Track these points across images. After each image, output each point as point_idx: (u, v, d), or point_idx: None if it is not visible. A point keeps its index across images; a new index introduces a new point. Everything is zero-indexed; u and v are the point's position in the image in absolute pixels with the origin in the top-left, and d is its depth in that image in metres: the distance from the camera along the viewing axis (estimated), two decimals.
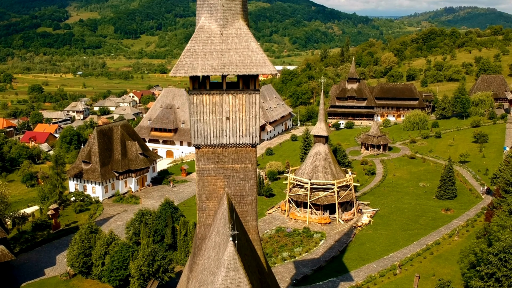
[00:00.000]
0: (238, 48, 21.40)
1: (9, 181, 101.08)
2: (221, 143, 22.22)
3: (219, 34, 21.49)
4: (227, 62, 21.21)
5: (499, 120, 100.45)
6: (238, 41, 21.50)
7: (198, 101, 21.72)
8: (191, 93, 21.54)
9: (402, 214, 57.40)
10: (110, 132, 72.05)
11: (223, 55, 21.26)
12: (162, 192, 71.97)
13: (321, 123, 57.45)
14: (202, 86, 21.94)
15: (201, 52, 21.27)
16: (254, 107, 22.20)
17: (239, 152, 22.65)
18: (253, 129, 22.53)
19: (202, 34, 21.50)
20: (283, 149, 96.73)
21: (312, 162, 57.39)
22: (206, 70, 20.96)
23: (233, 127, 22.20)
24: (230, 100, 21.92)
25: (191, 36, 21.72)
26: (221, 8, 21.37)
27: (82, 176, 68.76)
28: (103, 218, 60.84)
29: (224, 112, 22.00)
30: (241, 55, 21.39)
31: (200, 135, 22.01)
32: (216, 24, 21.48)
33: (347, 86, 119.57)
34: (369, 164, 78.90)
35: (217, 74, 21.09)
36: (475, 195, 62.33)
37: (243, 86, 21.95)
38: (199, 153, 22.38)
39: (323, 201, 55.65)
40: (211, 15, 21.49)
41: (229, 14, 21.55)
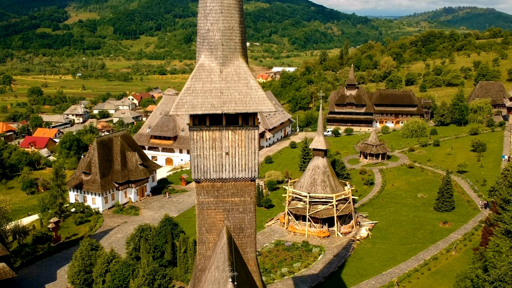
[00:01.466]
0: (238, 86, 21.73)
1: (9, 187, 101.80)
2: (221, 177, 22.55)
3: (219, 72, 21.82)
4: (227, 100, 21.54)
5: (497, 127, 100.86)
6: (238, 79, 21.83)
7: (198, 137, 22.03)
8: (191, 129, 21.86)
9: (400, 227, 57.81)
10: (110, 142, 72.42)
11: (222, 93, 21.59)
12: (162, 202, 72.37)
13: (319, 137, 57.83)
14: (202, 122, 22.25)
15: (201, 90, 21.58)
16: (253, 143, 22.53)
17: (239, 186, 23.01)
18: (252, 163, 22.85)
19: (202, 72, 21.82)
20: (282, 157, 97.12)
21: (311, 175, 57.79)
22: (206, 109, 21.28)
23: (233, 162, 22.53)
24: (229, 136, 22.25)
25: (192, 74, 21.97)
26: (221, 46, 21.68)
27: (82, 187, 69.12)
28: (103, 231, 61.21)
29: (223, 147, 22.33)
30: (240, 93, 21.72)
31: (200, 169, 22.34)
32: (216, 62, 21.79)
33: (346, 92, 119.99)
34: (367, 174, 79.33)
35: (216, 112, 21.44)
36: (473, 207, 62.75)
37: (242, 122, 22.30)
38: (199, 187, 22.73)
39: (321, 214, 56.06)
40: (211, 53, 21.79)
41: (228, 52, 21.87)
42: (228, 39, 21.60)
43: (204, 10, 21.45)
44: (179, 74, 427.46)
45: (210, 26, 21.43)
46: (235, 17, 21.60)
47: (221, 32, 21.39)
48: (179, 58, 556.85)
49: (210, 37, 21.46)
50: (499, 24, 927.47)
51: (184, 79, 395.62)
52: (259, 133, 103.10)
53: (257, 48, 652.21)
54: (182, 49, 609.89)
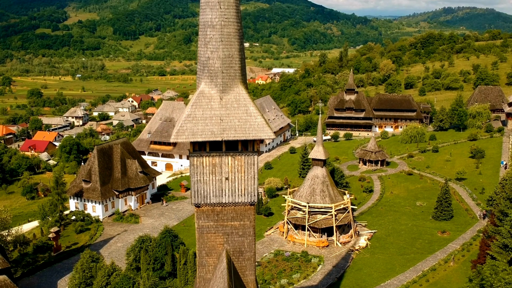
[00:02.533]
0: (237, 113, 22.02)
1: (9, 192, 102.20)
2: (221, 202, 22.85)
3: (219, 99, 22.11)
4: (227, 127, 21.83)
5: (496, 133, 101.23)
6: (237, 105, 22.11)
7: (198, 163, 22.32)
8: (192, 156, 22.12)
9: (399, 236, 58.15)
10: (110, 150, 72.71)
11: (222, 120, 21.88)
12: (162, 210, 72.67)
13: (319, 147, 58.15)
14: (202, 148, 22.52)
15: (201, 117, 21.87)
16: (252, 168, 22.81)
17: (238, 210, 23.32)
18: (252, 188, 23.11)
19: (202, 99, 22.10)
20: (282, 163, 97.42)
21: (310, 185, 58.13)
22: (206, 136, 21.57)
23: (232, 187, 22.84)
24: (229, 162, 22.56)
25: (193, 101, 22.21)
26: (221, 74, 21.97)
27: (82, 195, 69.41)
28: (103, 239, 61.51)
29: (223, 173, 22.63)
30: (240, 120, 22.01)
31: (200, 194, 22.63)
32: (216, 89, 22.08)
33: (345, 97, 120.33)
34: (366, 181, 79.65)
35: (216, 140, 21.73)
36: (471, 215, 63.08)
37: (242, 148, 22.60)
38: (199, 212, 23.01)
39: (321, 224, 56.38)
40: (211, 80, 22.06)
41: (228, 80, 22.16)
42: (228, 67, 21.91)
43: (205, 38, 21.74)
44: (179, 75, 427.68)
45: (210, 54, 21.73)
46: (235, 45, 21.88)
47: (221, 60, 21.70)
48: (179, 59, 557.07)
49: (210, 65, 21.76)
50: (498, 24, 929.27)
51: (184, 80, 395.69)
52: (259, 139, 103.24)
53: (256, 49, 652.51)
54: (182, 50, 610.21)
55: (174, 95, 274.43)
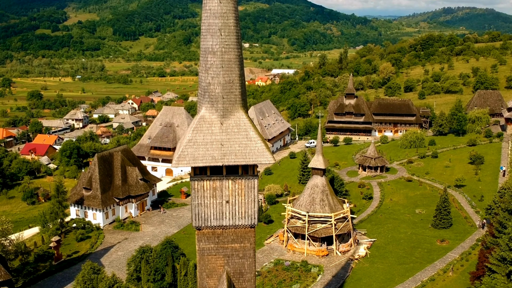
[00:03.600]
0: (238, 138, 22.30)
1: (9, 197, 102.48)
2: (221, 224, 23.17)
3: (219, 124, 22.40)
4: (227, 152, 22.11)
5: (495, 138, 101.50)
6: (238, 130, 22.39)
7: (199, 187, 22.64)
8: (193, 179, 22.43)
9: (398, 245, 58.43)
10: (111, 158, 72.96)
11: (223, 145, 22.17)
12: (162, 217, 72.92)
13: (318, 156, 58.42)
14: (203, 171, 22.79)
15: (202, 142, 22.15)
16: (252, 191, 23.11)
17: (238, 233, 23.62)
18: (252, 211, 23.43)
19: (203, 124, 22.38)
20: (282, 168, 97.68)
21: (310, 194, 58.41)
22: (207, 161, 21.87)
23: (233, 210, 23.15)
24: (229, 185, 22.85)
25: (194, 126, 22.44)
26: (221, 99, 22.26)
27: (83, 202, 69.68)
28: (104, 248, 61.78)
29: (224, 196, 22.94)
30: (240, 144, 22.28)
31: (201, 217, 22.93)
32: (217, 114, 22.36)
33: (345, 101, 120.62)
34: (366, 187, 79.93)
35: (217, 165, 22.01)
36: (470, 224, 63.36)
37: (242, 172, 22.88)
38: (200, 234, 23.33)
39: (320, 233, 56.67)
40: (212, 105, 22.34)
41: (229, 105, 22.44)
42: (229, 92, 22.21)
43: (205, 64, 22.04)
44: (179, 76, 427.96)
45: (211, 80, 22.03)
46: (235, 71, 22.17)
47: (221, 86, 22.00)
48: (179, 60, 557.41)
49: (211, 90, 22.06)
50: (498, 25, 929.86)
51: (184, 81, 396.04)
52: None
53: (256, 49, 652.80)
54: (182, 50, 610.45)
55: (174, 97, 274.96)
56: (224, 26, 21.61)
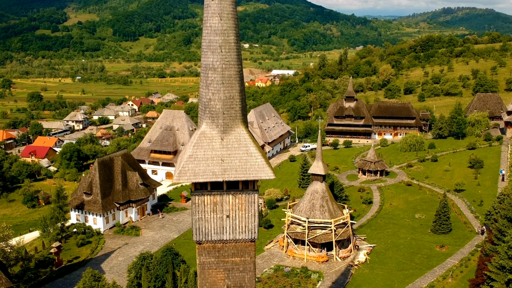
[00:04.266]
0: (238, 153, 22.45)
1: (10, 200, 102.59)
2: (222, 239, 23.32)
3: (220, 140, 22.55)
4: (227, 167, 22.26)
5: (495, 142, 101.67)
6: (238, 146, 22.55)
7: (199, 201, 22.80)
8: (193, 194, 22.58)
9: (398, 250, 58.60)
10: (111, 162, 73.13)
11: (223, 161, 22.33)
12: (162, 222, 73.07)
13: (318, 162, 58.60)
14: (204, 186, 22.94)
15: (202, 157, 22.30)
16: (253, 206, 23.27)
17: (239, 247, 23.77)
18: (252, 225, 23.58)
19: (204, 139, 22.53)
20: (282, 171, 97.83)
21: (309, 200, 58.58)
22: (207, 176, 22.03)
23: (233, 224, 23.30)
24: (230, 200, 23.02)
25: (194, 142, 22.54)
26: (222, 115, 22.42)
27: (83, 207, 69.84)
28: (105, 253, 61.93)
29: (224, 210, 23.10)
30: (241, 160, 22.44)
31: (201, 232, 23.08)
32: (217, 130, 22.52)
33: (344, 104, 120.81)
34: (366, 192, 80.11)
35: (217, 180, 22.17)
36: (470, 229, 63.55)
37: (242, 186, 23.05)
38: (200, 248, 23.48)
39: (320, 239, 56.84)
40: (212, 121, 22.51)
41: (229, 120, 22.59)
42: (229, 108, 22.37)
43: (206, 80, 22.22)
44: (179, 77, 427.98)
45: (212, 96, 22.19)
46: (235, 87, 22.33)
47: (222, 102, 22.17)
48: (179, 60, 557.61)
49: (211, 106, 22.22)
50: (498, 25, 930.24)
51: (184, 82, 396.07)
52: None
53: (256, 50, 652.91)
54: (182, 51, 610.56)
55: (174, 98, 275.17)
56: (224, 43, 21.79)
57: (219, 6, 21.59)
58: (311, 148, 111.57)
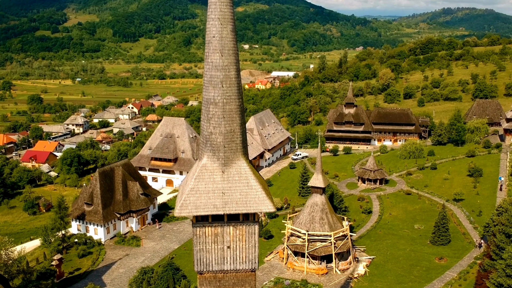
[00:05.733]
0: (239, 186, 22.80)
1: (10, 207, 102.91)
2: (223, 269, 23.65)
3: (221, 173, 22.89)
4: (228, 200, 22.61)
5: (494, 149, 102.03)
6: (239, 178, 22.90)
7: (201, 233, 23.14)
8: (195, 226, 22.90)
9: (397, 262, 58.96)
10: (112, 172, 73.49)
11: (224, 194, 22.68)
12: (163, 232, 73.45)
13: (318, 175, 58.96)
14: (205, 218, 23.28)
15: (204, 190, 22.64)
16: (253, 237, 23.61)
17: (240, 276, 24.12)
18: (253, 256, 23.91)
19: (205, 172, 22.86)
20: (282, 179, 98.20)
21: (309, 213, 58.95)
22: (208, 209, 22.36)
23: (234, 255, 23.65)
24: (231, 231, 23.36)
25: (196, 175, 22.79)
26: (223, 148, 22.75)
27: (84, 217, 70.18)
28: (106, 265, 62.25)
29: (225, 241, 23.44)
30: (241, 193, 22.79)
31: (202, 262, 23.42)
32: (218, 163, 22.85)
33: (344, 110, 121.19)
34: (365, 201, 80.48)
35: (218, 213, 22.53)
36: (468, 240, 63.93)
37: (243, 218, 23.41)
38: (201, 278, 23.84)
39: (320, 252, 57.20)
40: (214, 154, 22.82)
41: (230, 153, 22.92)
42: (230, 141, 22.71)
43: (207, 114, 22.55)
44: (179, 78, 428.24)
45: (213, 130, 22.52)
46: (236, 120, 22.67)
47: (223, 136, 22.50)
48: (179, 61, 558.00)
49: (212, 140, 22.55)
50: (498, 25, 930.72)
51: (184, 83, 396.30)
52: (259, 154, 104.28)
53: (256, 51, 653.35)
54: (182, 52, 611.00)
55: (174, 101, 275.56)
56: (225, 78, 22.13)
57: (220, 43, 21.93)
58: (302, 157, 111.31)
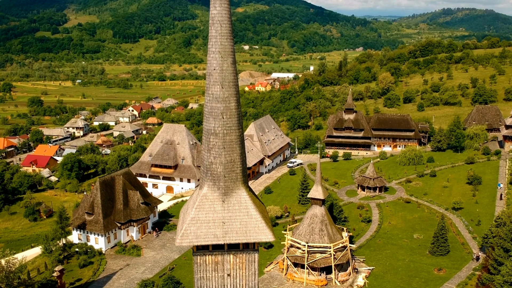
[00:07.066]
0: (239, 216, 23.14)
1: (11, 213, 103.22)
2: None
3: (221, 202, 23.24)
4: (228, 230, 22.94)
5: (493, 156, 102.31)
6: (239, 208, 23.24)
7: (201, 261, 23.49)
8: (195, 254, 23.27)
9: (396, 274, 59.27)
10: (112, 182, 73.82)
11: (224, 223, 23.02)
12: (163, 240, 73.75)
13: (318, 187, 59.27)
14: (205, 247, 23.58)
15: (204, 220, 22.97)
16: (253, 265, 23.97)
17: None
18: (253, 283, 24.28)
19: (206, 202, 23.20)
20: (282, 186, 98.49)
21: (309, 224, 59.27)
22: (209, 239, 22.70)
23: (234, 283, 24.00)
24: (231, 259, 23.71)
25: (196, 204, 23.07)
26: (223, 178, 23.09)
27: (85, 227, 70.49)
28: (106, 275, 62.55)
29: (225, 269, 23.80)
30: (241, 222, 23.13)
31: None
32: (219, 192, 23.19)
33: (344, 116, 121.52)
34: (365, 209, 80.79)
35: (219, 243, 22.86)
36: (467, 250, 64.25)
37: (243, 246, 23.75)
38: None
39: (320, 263, 57.51)
40: (214, 183, 23.16)
41: (230, 183, 23.26)
42: (230, 171, 23.04)
43: (208, 144, 22.88)
44: (179, 80, 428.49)
45: (213, 160, 22.86)
46: (236, 150, 23.02)
47: (223, 165, 22.83)
48: (179, 62, 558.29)
49: (213, 169, 22.89)
50: (498, 26, 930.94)
51: (184, 85, 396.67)
52: (259, 160, 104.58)
53: (256, 52, 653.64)
54: (182, 53, 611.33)
55: (174, 103, 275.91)
56: (226, 109, 22.47)
57: (221, 76, 22.28)
58: (297, 164, 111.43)
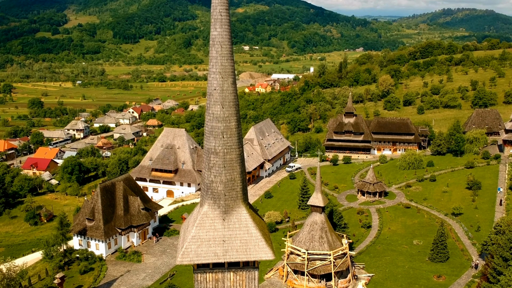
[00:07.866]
0: (239, 234, 23.35)
1: (12, 217, 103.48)
2: None
3: (222, 220, 23.45)
4: (229, 248, 23.15)
5: (493, 160, 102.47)
6: (239, 226, 23.46)
7: (201, 279, 23.71)
8: (196, 272, 23.49)
9: (396, 280, 59.45)
10: (113, 188, 74.02)
11: (225, 241, 23.23)
12: (164, 246, 73.95)
13: (317, 194, 59.47)
14: (206, 265, 23.79)
15: (205, 238, 23.18)
16: (253, 282, 24.19)
17: None
18: None
19: (206, 220, 23.41)
20: (282, 190, 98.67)
21: (309, 231, 59.47)
22: (209, 258, 22.92)
23: None
24: (231, 277, 23.92)
25: (197, 222, 23.28)
26: (224, 196, 23.31)
27: (86, 233, 70.71)
28: (107, 282, 62.74)
29: (225, 287, 24.01)
30: (242, 240, 23.34)
31: None
32: (219, 210, 23.41)
33: (344, 120, 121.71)
34: (365, 214, 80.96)
35: (219, 261, 23.06)
36: (467, 257, 64.44)
37: (243, 264, 23.96)
38: None
39: (319, 270, 57.72)
40: (214, 202, 23.39)
41: (230, 201, 23.49)
42: (231, 190, 23.26)
43: (208, 163, 23.10)
44: (179, 81, 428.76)
45: (214, 178, 23.08)
46: (236, 169, 23.23)
47: (223, 184, 23.05)
48: (179, 63, 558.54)
49: (213, 188, 23.11)
50: (498, 26, 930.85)
51: (184, 86, 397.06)
52: (259, 165, 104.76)
53: (256, 52, 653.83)
54: (182, 54, 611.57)
55: (174, 105, 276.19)
56: (226, 129, 22.69)
57: (221, 96, 22.49)
58: (296, 168, 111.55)
